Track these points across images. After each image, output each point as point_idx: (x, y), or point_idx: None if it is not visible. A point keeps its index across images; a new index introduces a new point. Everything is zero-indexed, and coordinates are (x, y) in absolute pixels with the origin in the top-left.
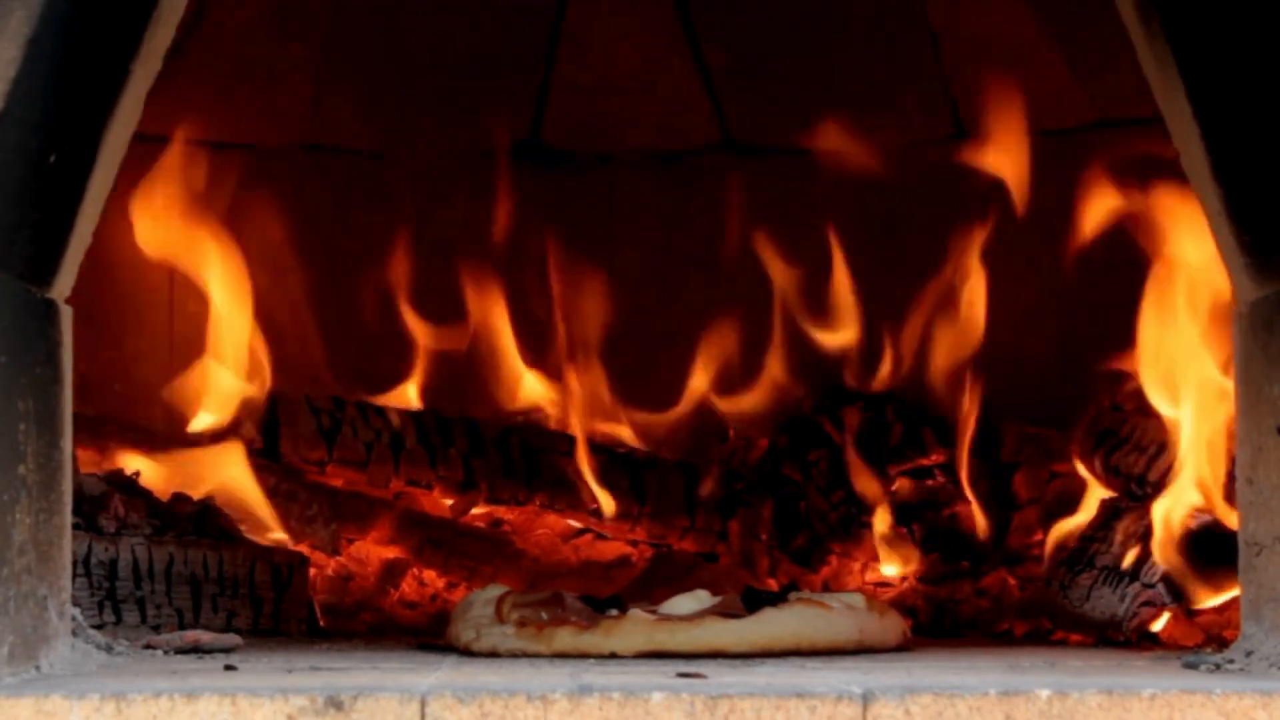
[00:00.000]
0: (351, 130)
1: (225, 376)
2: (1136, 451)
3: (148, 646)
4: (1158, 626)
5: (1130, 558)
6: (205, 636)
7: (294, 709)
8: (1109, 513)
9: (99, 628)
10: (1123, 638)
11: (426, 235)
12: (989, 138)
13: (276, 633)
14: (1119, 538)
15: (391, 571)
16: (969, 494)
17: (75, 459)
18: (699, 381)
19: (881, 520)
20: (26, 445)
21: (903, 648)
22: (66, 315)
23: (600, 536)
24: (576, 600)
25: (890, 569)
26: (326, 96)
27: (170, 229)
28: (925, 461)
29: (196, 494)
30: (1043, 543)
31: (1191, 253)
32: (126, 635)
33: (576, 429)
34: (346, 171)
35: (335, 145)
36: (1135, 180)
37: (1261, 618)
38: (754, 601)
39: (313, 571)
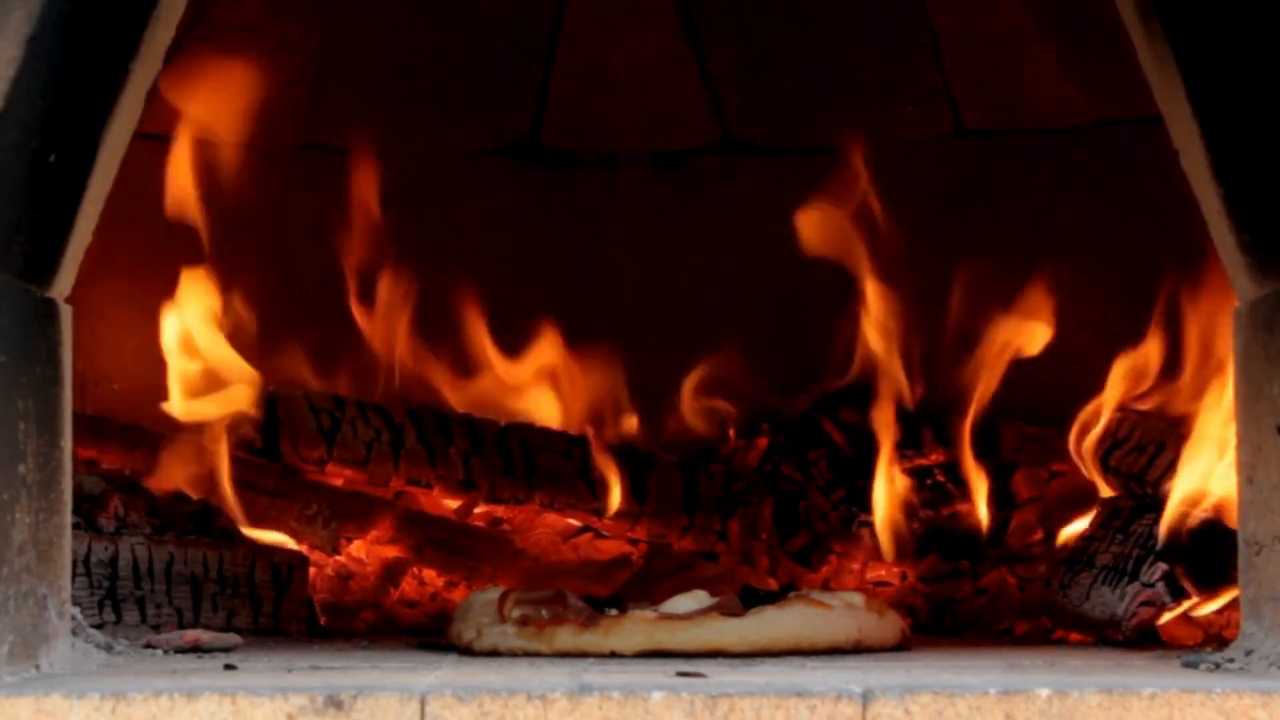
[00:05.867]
0: (351, 130)
1: (224, 377)
2: (1136, 451)
3: (148, 646)
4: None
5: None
6: (205, 636)
7: (294, 708)
8: (1109, 512)
9: (99, 627)
10: (1122, 637)
11: (426, 235)
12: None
13: (276, 632)
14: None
15: (391, 571)
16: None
17: (75, 458)
18: (699, 381)
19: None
20: (26, 444)
21: (902, 647)
22: (66, 315)
23: (600, 535)
24: (578, 599)
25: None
26: (326, 96)
27: (170, 229)
28: (925, 461)
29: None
30: (1043, 542)
31: None
32: (126, 635)
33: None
34: (346, 171)
35: (335, 145)
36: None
37: (1261, 617)
38: (751, 600)
39: (313, 571)
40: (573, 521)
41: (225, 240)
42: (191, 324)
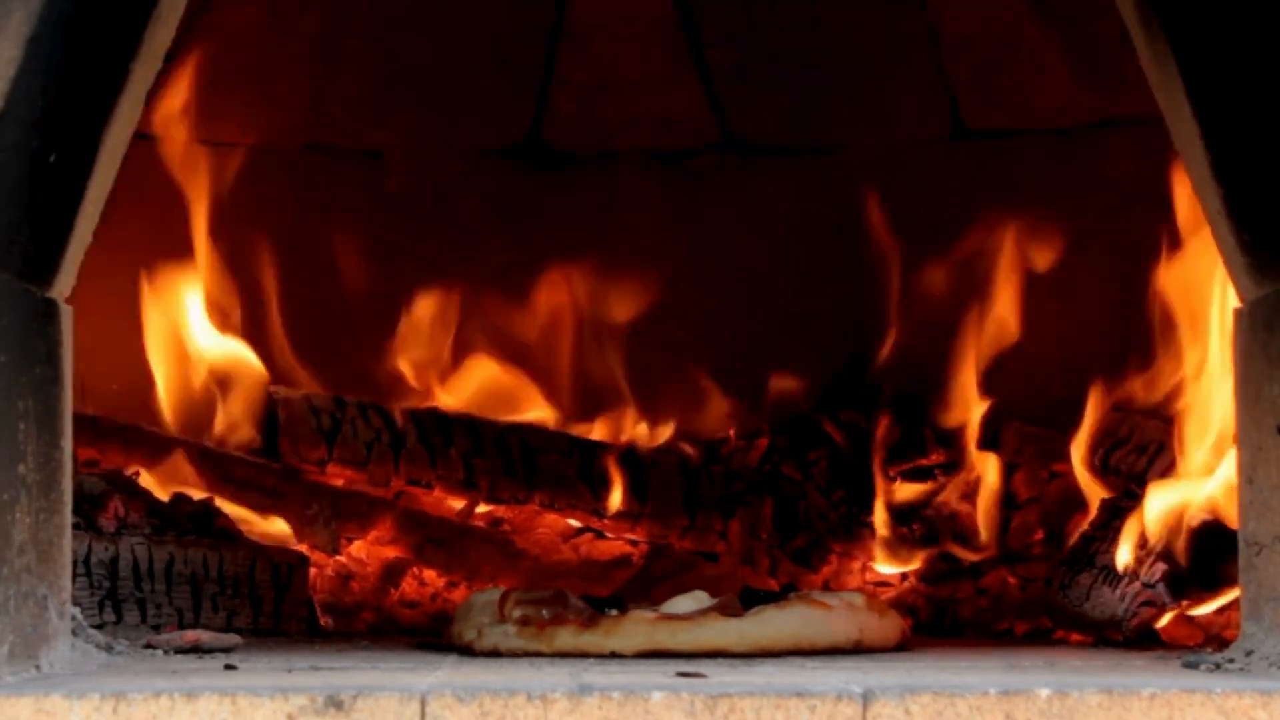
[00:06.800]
0: (351, 130)
1: (225, 377)
2: (1136, 452)
3: (148, 646)
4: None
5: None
6: (205, 636)
7: (294, 708)
8: (1109, 513)
9: (99, 627)
10: (1122, 637)
11: (426, 236)
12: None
13: (276, 632)
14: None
15: (391, 571)
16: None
17: (75, 458)
18: (699, 381)
19: (881, 520)
20: (26, 445)
21: (902, 647)
22: (66, 315)
23: (600, 535)
24: (578, 599)
25: (887, 568)
26: (326, 96)
27: (170, 229)
28: (925, 461)
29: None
30: (1043, 542)
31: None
32: (126, 635)
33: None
34: (346, 171)
35: (335, 145)
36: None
37: (1261, 617)
38: (751, 601)
39: (313, 571)
40: (573, 522)
41: (226, 240)
42: (194, 323)
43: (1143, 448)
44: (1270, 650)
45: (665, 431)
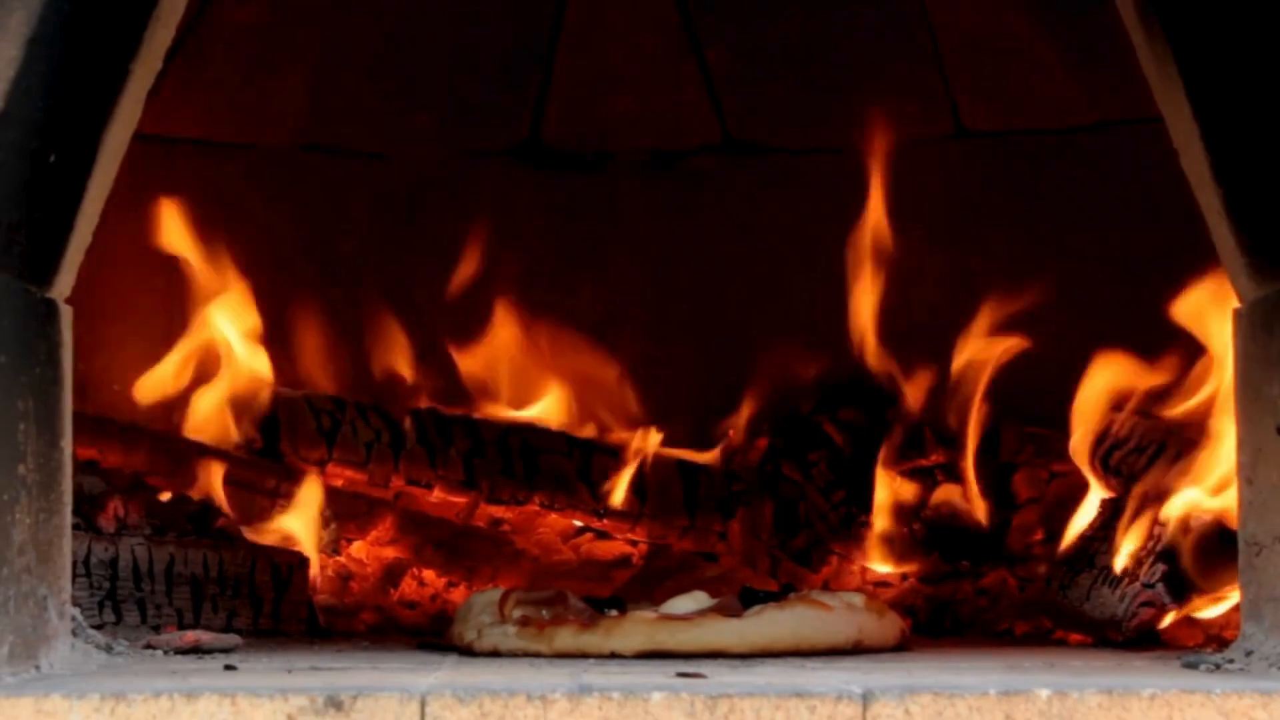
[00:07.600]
0: (351, 130)
1: (225, 377)
2: (1136, 452)
3: (148, 646)
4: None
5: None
6: (205, 636)
7: (294, 709)
8: (1109, 513)
9: (99, 628)
10: (1122, 638)
11: (426, 236)
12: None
13: (276, 633)
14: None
15: (391, 571)
16: (973, 492)
17: (75, 458)
18: (699, 381)
19: (880, 521)
20: (26, 445)
21: (902, 647)
22: (66, 315)
23: (600, 536)
24: (578, 600)
25: (884, 568)
26: (326, 97)
27: (171, 229)
28: (925, 462)
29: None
30: (1043, 542)
31: None
32: (126, 635)
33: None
34: (346, 171)
35: (335, 145)
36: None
37: (1261, 618)
38: (751, 601)
39: (313, 571)
40: (575, 522)
41: (225, 241)
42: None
43: (1142, 448)
44: (1270, 650)
45: (665, 431)
